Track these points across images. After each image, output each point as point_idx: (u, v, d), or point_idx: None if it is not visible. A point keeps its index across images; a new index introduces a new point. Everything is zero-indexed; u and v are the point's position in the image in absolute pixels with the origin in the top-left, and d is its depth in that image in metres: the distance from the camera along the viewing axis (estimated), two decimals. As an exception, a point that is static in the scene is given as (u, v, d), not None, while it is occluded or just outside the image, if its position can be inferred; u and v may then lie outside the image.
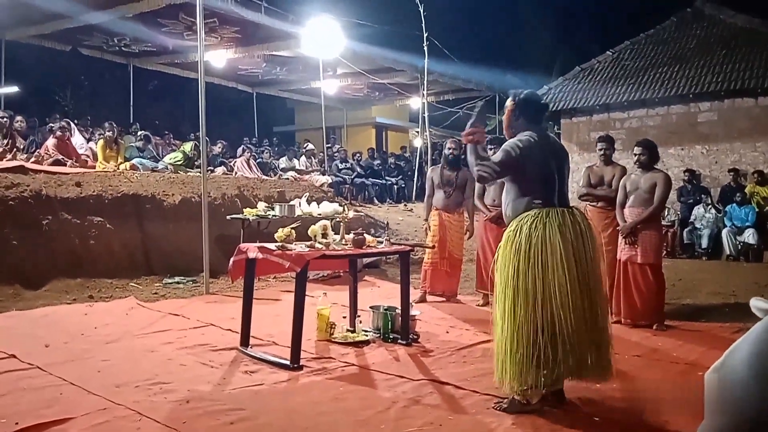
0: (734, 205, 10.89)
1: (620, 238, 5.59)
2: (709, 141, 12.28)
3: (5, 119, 9.26)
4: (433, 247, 6.46)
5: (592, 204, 6.05)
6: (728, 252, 10.61)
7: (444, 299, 6.77)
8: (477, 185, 6.66)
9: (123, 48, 13.19)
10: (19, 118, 10.06)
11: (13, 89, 14.18)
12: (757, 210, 10.75)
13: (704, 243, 10.87)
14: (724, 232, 10.68)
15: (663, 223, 10.78)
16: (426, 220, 6.95)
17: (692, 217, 11.27)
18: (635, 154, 5.63)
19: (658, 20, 14.99)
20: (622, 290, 5.52)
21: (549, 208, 3.28)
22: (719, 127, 12.15)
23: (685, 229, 11.25)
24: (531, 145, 3.32)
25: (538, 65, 19.69)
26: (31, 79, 16.71)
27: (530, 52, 23.60)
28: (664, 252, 10.36)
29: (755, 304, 0.97)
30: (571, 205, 3.45)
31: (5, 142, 9.02)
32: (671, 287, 6.77)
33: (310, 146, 13.76)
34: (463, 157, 5.46)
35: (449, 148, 6.95)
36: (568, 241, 3.17)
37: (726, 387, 0.92)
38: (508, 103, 3.61)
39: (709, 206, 11.16)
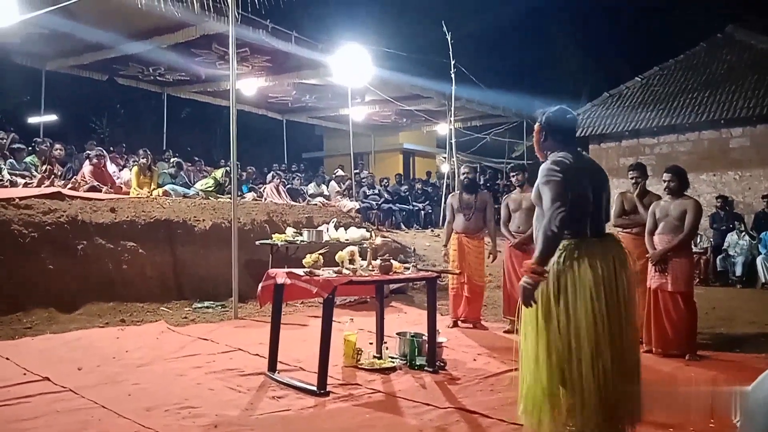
0: (769, 232, 10.67)
1: (650, 265, 5.51)
2: (741, 167, 12.10)
3: (45, 147, 9.56)
4: (460, 273, 6.45)
5: (626, 231, 5.98)
6: (763, 280, 10.36)
7: (470, 325, 6.73)
8: (503, 211, 6.66)
9: (157, 77, 13.57)
10: (58, 145, 10.38)
11: (52, 117, 14.66)
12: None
13: (738, 270, 10.64)
14: (759, 260, 10.44)
15: (695, 250, 10.64)
16: (446, 246, 6.95)
17: (725, 244, 11.06)
18: (664, 181, 5.58)
19: (688, 46, 14.92)
20: (653, 319, 5.42)
21: (580, 238, 3.06)
22: (752, 153, 11.97)
23: (719, 257, 11.03)
24: (566, 167, 3.06)
25: (566, 91, 19.66)
26: (69, 108, 17.28)
27: (558, 78, 23.58)
28: (697, 280, 10.18)
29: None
30: (607, 231, 3.24)
31: (44, 168, 9.31)
32: (704, 316, 6.63)
33: (341, 172, 13.88)
34: (479, 181, 5.44)
35: (464, 173, 7.01)
36: (599, 275, 2.97)
37: (754, 410, 0.94)
38: (536, 124, 3.35)
39: (743, 233, 10.94)
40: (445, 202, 15.15)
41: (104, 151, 10.39)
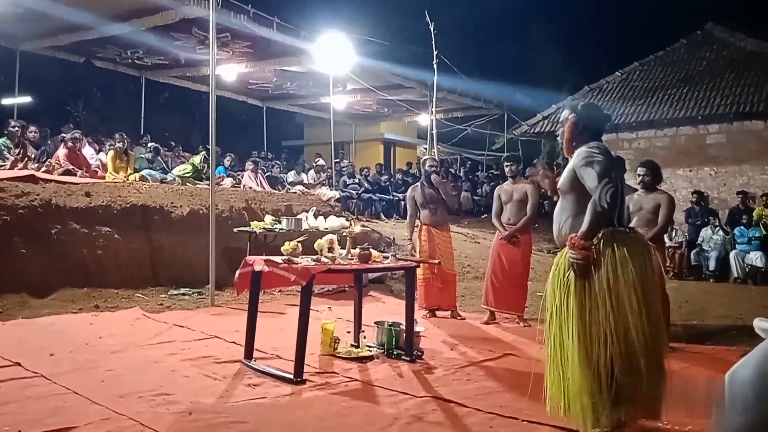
0: (742, 227, 10.85)
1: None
2: (717, 163, 12.27)
3: (17, 129, 9.36)
4: (439, 262, 6.45)
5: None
6: (736, 274, 10.55)
7: (447, 315, 6.76)
8: (494, 203, 6.66)
9: (136, 60, 13.33)
10: (32, 128, 10.16)
11: (27, 99, 14.34)
12: (764, 233, 10.70)
13: (712, 265, 10.82)
14: (732, 255, 10.63)
15: (671, 244, 10.80)
16: (410, 239, 6.94)
17: (700, 239, 11.23)
18: (639, 175, 5.69)
19: (668, 42, 15.08)
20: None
21: (613, 228, 3.02)
22: (728, 150, 12.15)
23: (693, 251, 11.20)
24: (604, 151, 3.07)
25: (547, 84, 19.73)
26: (44, 90, 16.92)
27: (540, 71, 23.67)
28: (671, 273, 10.34)
29: (758, 324, 0.99)
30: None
31: (17, 151, 9.11)
32: (678, 309, 6.73)
33: (321, 161, 13.82)
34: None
35: (430, 165, 6.96)
36: (638, 264, 2.95)
37: (735, 392, 0.95)
38: (569, 116, 3.31)
39: (717, 228, 11.12)
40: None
41: (81, 134, 10.21)
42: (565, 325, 3.02)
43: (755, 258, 10.41)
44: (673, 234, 11.06)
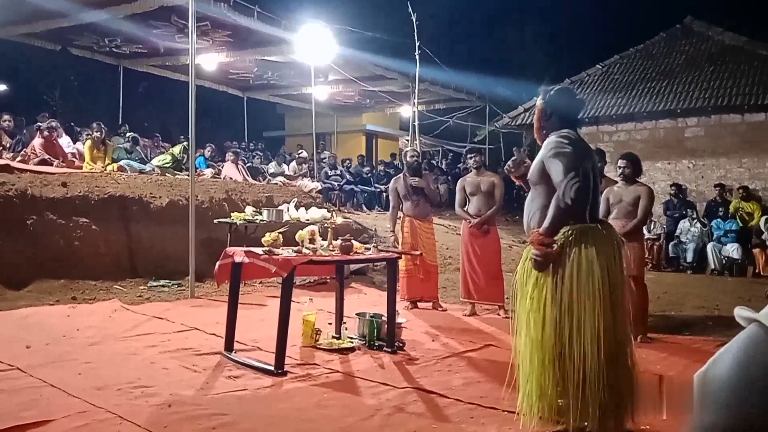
0: (719, 219, 11.01)
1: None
2: (695, 156, 12.41)
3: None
4: (421, 254, 6.45)
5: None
6: (713, 266, 10.71)
7: (429, 306, 6.77)
8: (458, 195, 6.67)
9: (114, 49, 13.11)
10: (6, 116, 9.97)
11: (1, 87, 14.06)
12: (741, 225, 10.86)
13: (689, 257, 10.97)
14: (709, 247, 10.78)
15: (649, 236, 10.92)
16: (392, 231, 6.95)
17: (678, 231, 11.37)
18: (619, 167, 5.73)
19: (648, 35, 15.17)
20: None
21: (584, 223, 2.92)
22: (706, 143, 12.29)
23: (671, 243, 11.34)
24: (574, 141, 2.94)
25: (529, 77, 19.77)
26: (19, 78, 16.60)
27: (522, 64, 23.71)
28: (650, 265, 10.46)
29: (739, 312, 0.99)
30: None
31: (-9, 140, 8.95)
32: (656, 300, 6.82)
33: (304, 153, 13.73)
34: (423, 162, 5.47)
35: (411, 156, 6.98)
36: (604, 260, 2.84)
37: (708, 391, 0.94)
38: (538, 102, 3.21)
39: (695, 220, 11.26)
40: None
41: (57, 124, 10.04)
42: (530, 318, 2.95)
43: (732, 250, 10.57)
44: (652, 226, 11.17)
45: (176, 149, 10.74)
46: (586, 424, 2.85)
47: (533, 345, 2.93)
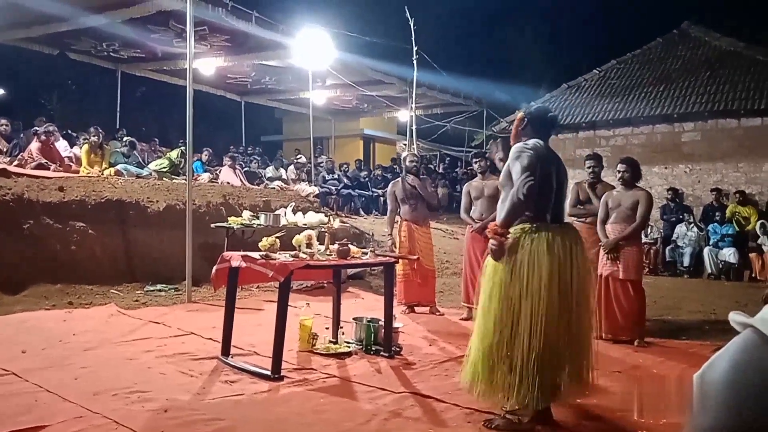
0: (715, 224, 11.03)
1: (601, 253, 5.63)
2: (692, 161, 12.45)
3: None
4: (418, 258, 6.45)
5: (580, 220, 6.09)
6: (709, 270, 10.73)
7: (426, 311, 6.77)
8: (463, 199, 6.68)
9: (111, 53, 13.11)
10: (3, 120, 9.96)
11: (-1, 91, 14.05)
12: (737, 229, 10.88)
13: (686, 261, 10.99)
14: (706, 251, 10.80)
15: (646, 240, 10.94)
16: (390, 234, 6.95)
17: (675, 236, 11.39)
18: (618, 171, 5.71)
19: (645, 41, 15.23)
20: (604, 306, 5.54)
21: (540, 222, 3.21)
22: (702, 147, 12.32)
23: (668, 247, 11.36)
24: (537, 148, 3.25)
25: (526, 81, 19.85)
26: (17, 82, 16.60)
27: (519, 68, 23.81)
28: (647, 269, 10.48)
29: (734, 317, 0.99)
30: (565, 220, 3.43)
31: (-12, 144, 8.94)
32: (653, 304, 6.82)
33: (303, 158, 13.74)
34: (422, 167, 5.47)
35: (411, 161, 6.98)
36: (555, 258, 3.11)
37: (705, 394, 0.95)
38: (519, 113, 3.60)
39: (692, 225, 11.29)
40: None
41: (54, 128, 10.03)
42: (482, 307, 3.25)
43: (728, 254, 10.59)
44: (649, 230, 11.20)
45: (173, 154, 10.74)
46: (517, 407, 3.14)
47: (480, 332, 3.21)
